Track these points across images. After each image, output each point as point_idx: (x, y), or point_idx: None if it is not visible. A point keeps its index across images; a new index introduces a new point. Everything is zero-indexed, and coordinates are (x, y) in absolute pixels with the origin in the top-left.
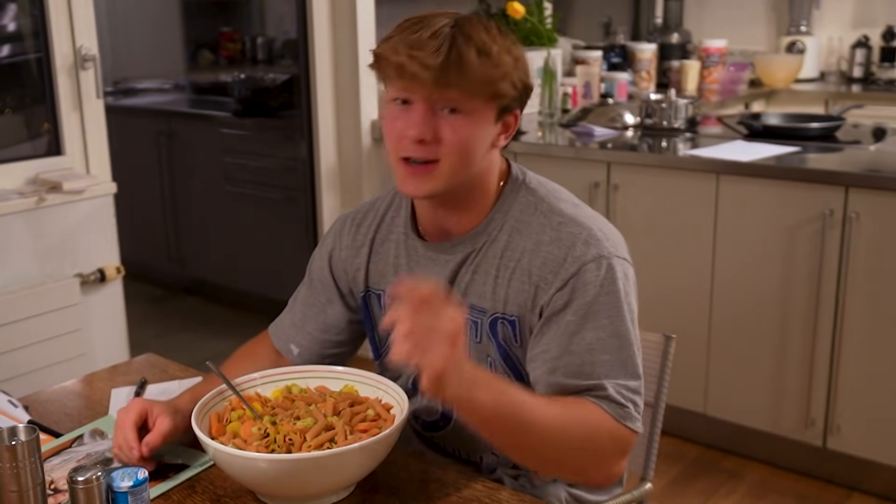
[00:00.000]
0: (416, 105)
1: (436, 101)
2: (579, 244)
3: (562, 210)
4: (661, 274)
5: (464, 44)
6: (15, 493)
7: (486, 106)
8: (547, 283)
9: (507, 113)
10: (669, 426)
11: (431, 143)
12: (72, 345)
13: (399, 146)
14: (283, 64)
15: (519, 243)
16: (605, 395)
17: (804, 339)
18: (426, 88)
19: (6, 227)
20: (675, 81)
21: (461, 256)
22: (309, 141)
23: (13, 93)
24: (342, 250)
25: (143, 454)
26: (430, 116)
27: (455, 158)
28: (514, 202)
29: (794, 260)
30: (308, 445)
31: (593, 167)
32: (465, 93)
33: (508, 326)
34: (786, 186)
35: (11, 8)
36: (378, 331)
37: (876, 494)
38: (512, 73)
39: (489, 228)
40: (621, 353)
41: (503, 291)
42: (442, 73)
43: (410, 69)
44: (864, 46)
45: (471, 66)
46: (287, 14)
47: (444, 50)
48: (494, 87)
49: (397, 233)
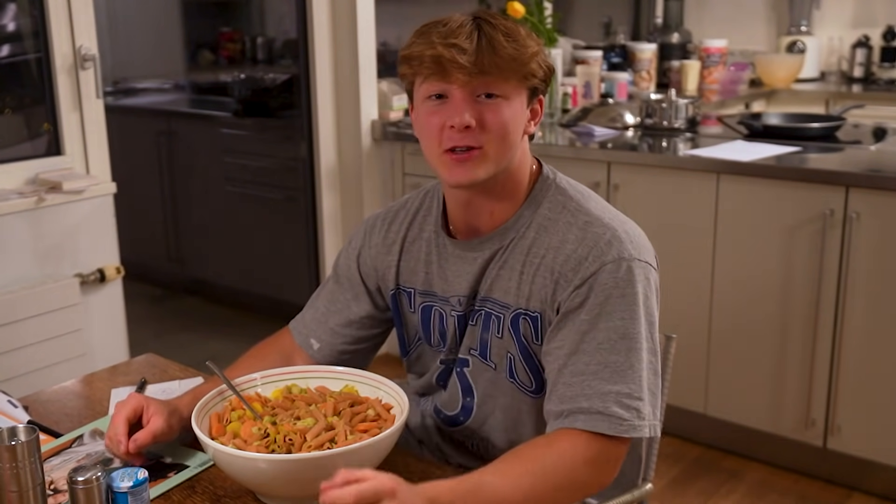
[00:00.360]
0: (455, 94)
1: (474, 87)
2: (602, 244)
3: (589, 210)
4: (661, 274)
5: (490, 30)
6: (15, 494)
7: (519, 88)
8: (566, 281)
9: (535, 97)
10: (669, 426)
11: (476, 130)
12: (72, 345)
13: (442, 139)
14: (283, 64)
15: (545, 240)
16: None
17: (804, 339)
18: (464, 75)
19: (6, 227)
20: (675, 81)
21: (489, 253)
22: (309, 141)
23: (13, 93)
24: (371, 248)
25: (129, 450)
26: (472, 103)
27: (498, 143)
28: (543, 199)
29: (794, 260)
30: (308, 445)
31: (593, 167)
32: (500, 75)
33: (530, 323)
34: (786, 186)
35: (11, 8)
36: (407, 328)
37: (876, 494)
38: (539, 53)
39: (518, 225)
40: (629, 357)
41: (527, 288)
42: (478, 57)
43: (449, 56)
44: (865, 46)
45: (502, 48)
46: (287, 14)
47: (474, 36)
48: (526, 67)
49: (428, 231)
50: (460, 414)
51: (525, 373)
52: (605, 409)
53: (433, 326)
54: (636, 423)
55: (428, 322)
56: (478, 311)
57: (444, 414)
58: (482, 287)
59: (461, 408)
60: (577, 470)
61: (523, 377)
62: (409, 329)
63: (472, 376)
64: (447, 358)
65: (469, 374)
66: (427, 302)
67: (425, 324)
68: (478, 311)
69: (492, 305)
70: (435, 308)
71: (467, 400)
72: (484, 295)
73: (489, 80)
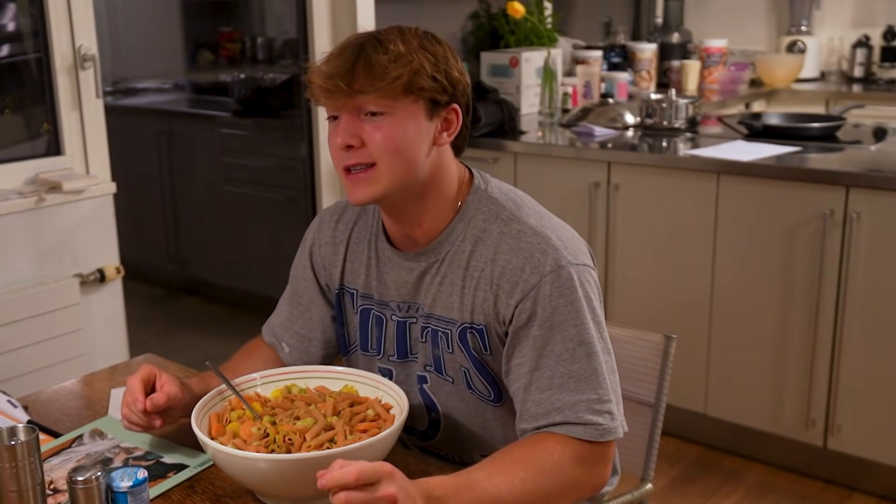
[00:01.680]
0: (342, 116)
1: (354, 107)
2: (537, 254)
3: (521, 219)
4: (661, 274)
5: (371, 49)
6: (14, 493)
7: (406, 102)
8: (506, 293)
9: (441, 108)
10: (669, 426)
11: (360, 147)
12: (71, 345)
13: (337, 158)
14: (283, 64)
15: (482, 253)
16: (576, 421)
17: (804, 339)
18: (341, 97)
19: (6, 227)
20: (675, 81)
21: (425, 265)
22: (309, 141)
23: (13, 93)
24: (322, 246)
25: (146, 408)
26: (354, 122)
27: (389, 158)
28: (476, 211)
29: (794, 260)
30: (308, 445)
31: (593, 167)
32: (376, 92)
33: (477, 335)
34: (786, 186)
35: (11, 8)
36: (348, 329)
37: (876, 494)
38: (426, 67)
39: (451, 238)
40: (591, 361)
41: (469, 301)
42: (350, 79)
43: (323, 85)
44: (865, 46)
45: (377, 66)
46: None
47: (350, 59)
48: (408, 82)
49: (370, 234)
50: (429, 429)
51: (482, 384)
52: (578, 419)
53: (370, 331)
54: (610, 425)
55: (366, 326)
56: (425, 327)
57: (416, 430)
58: (423, 301)
59: (428, 423)
60: (566, 466)
61: (481, 388)
62: (349, 330)
63: (433, 391)
64: (384, 367)
65: (429, 389)
66: (366, 305)
67: (363, 327)
68: (425, 327)
69: (437, 322)
70: (373, 311)
71: (432, 415)
72: (427, 311)
73: (365, 99)
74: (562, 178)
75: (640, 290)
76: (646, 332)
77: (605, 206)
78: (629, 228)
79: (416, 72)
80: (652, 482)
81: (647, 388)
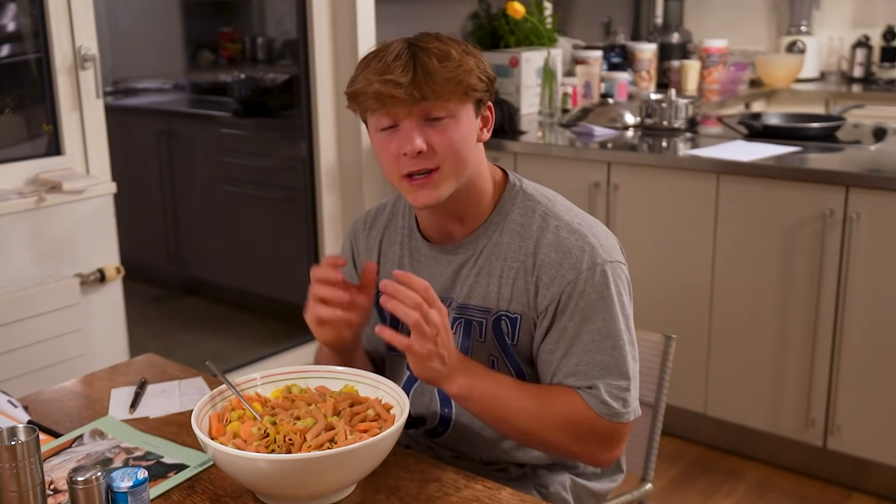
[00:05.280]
0: (403, 124)
1: (418, 114)
2: (575, 251)
3: (558, 214)
4: (661, 274)
5: (424, 56)
6: (15, 494)
7: (462, 104)
8: (545, 285)
9: (483, 106)
10: (669, 426)
11: (428, 153)
12: (72, 345)
13: (398, 166)
14: (283, 64)
15: (522, 245)
16: (596, 396)
17: (804, 339)
18: (406, 106)
19: (6, 227)
20: (675, 81)
21: (463, 258)
22: (309, 141)
23: (13, 93)
24: (360, 254)
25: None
26: (420, 129)
27: (452, 161)
28: (513, 206)
29: (794, 260)
30: (308, 445)
31: (593, 167)
32: (440, 99)
33: (509, 324)
34: (786, 186)
35: (11, 8)
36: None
37: (876, 494)
38: (475, 68)
39: (489, 231)
40: (615, 353)
41: (508, 291)
42: (415, 87)
43: (387, 92)
44: (865, 46)
45: (437, 73)
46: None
47: (409, 67)
48: (464, 85)
49: (402, 234)
50: (438, 426)
51: (508, 371)
52: (596, 395)
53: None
54: (621, 410)
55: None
56: (458, 318)
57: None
58: (458, 293)
59: (439, 419)
60: (581, 424)
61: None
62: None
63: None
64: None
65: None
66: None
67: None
68: (458, 318)
69: (472, 312)
70: None
71: (445, 411)
72: (462, 302)
73: (431, 106)
74: (562, 179)
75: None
76: (646, 331)
77: (605, 206)
78: (629, 228)
79: (469, 73)
80: (652, 482)
81: (647, 388)
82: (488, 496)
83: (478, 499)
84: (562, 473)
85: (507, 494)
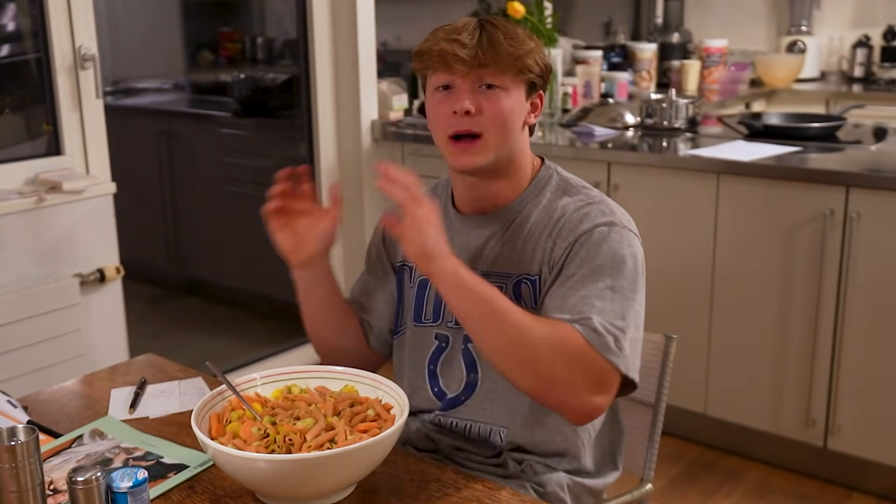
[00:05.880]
0: (459, 85)
1: (475, 78)
2: (595, 212)
3: (588, 193)
4: (660, 274)
5: (492, 29)
6: (14, 494)
7: (516, 82)
8: (563, 240)
9: (534, 92)
10: (669, 426)
11: (476, 115)
12: (71, 345)
13: (447, 124)
14: (283, 64)
15: (548, 217)
16: (587, 324)
17: (805, 339)
18: (465, 67)
19: (6, 227)
20: (675, 81)
21: (491, 230)
22: (309, 141)
23: (13, 93)
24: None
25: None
26: (473, 92)
27: (496, 131)
28: (546, 185)
29: (794, 260)
30: (308, 446)
31: (593, 167)
32: (498, 68)
33: (530, 286)
34: (786, 186)
35: (11, 8)
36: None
37: (876, 494)
38: (535, 51)
39: (520, 206)
40: (614, 303)
41: (529, 253)
42: (478, 51)
43: (451, 50)
44: (865, 46)
45: (501, 45)
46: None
47: (476, 34)
48: (522, 63)
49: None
50: (461, 394)
51: None
52: (587, 323)
53: (427, 299)
54: (613, 347)
55: (423, 295)
56: None
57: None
58: (483, 263)
59: (464, 386)
60: (574, 351)
61: None
62: (404, 307)
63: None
64: (441, 333)
65: (473, 349)
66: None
67: (419, 297)
68: None
69: (494, 278)
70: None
71: (471, 376)
72: (486, 270)
73: (488, 73)
74: None
75: None
76: (646, 332)
77: None
78: None
79: (528, 54)
80: (652, 482)
81: (648, 388)
82: (488, 496)
83: (478, 499)
84: (558, 473)
85: (507, 494)
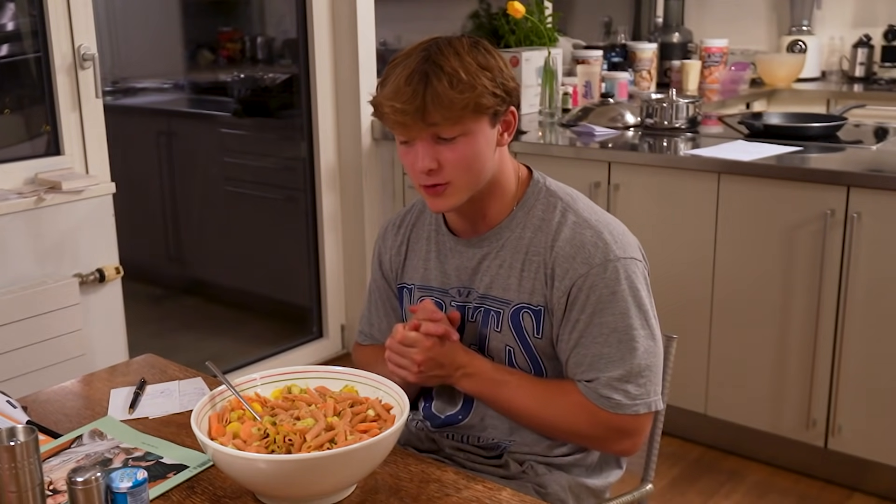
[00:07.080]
0: (416, 143)
1: (430, 135)
2: (588, 246)
3: (578, 211)
4: (661, 274)
5: (436, 79)
6: (14, 494)
7: (475, 121)
8: (558, 278)
9: (500, 116)
10: (670, 426)
11: (437, 170)
12: (71, 345)
13: (415, 176)
14: (283, 64)
15: (542, 239)
16: (592, 388)
17: (805, 339)
18: (416, 128)
19: (5, 227)
20: (675, 81)
21: (486, 250)
22: (309, 141)
23: (12, 93)
24: (387, 252)
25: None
26: (430, 148)
27: (463, 175)
28: (535, 202)
29: (794, 260)
30: (308, 446)
31: (594, 167)
32: (449, 122)
33: (532, 317)
34: (787, 186)
35: (10, 7)
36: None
37: (877, 495)
38: (489, 86)
39: (512, 224)
40: (621, 347)
41: (529, 283)
42: (423, 113)
43: (397, 119)
44: (866, 46)
45: (446, 96)
46: (287, 14)
47: (419, 91)
48: (475, 105)
49: (429, 230)
50: (459, 413)
51: (525, 362)
52: (594, 388)
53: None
54: (624, 402)
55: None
56: (477, 307)
57: (439, 418)
58: (479, 283)
59: (462, 405)
60: (579, 418)
61: (523, 366)
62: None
63: None
64: None
65: None
66: (425, 295)
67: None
68: (477, 307)
69: (492, 302)
70: (434, 300)
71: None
72: (483, 292)
73: (440, 129)
74: (562, 178)
75: None
76: None
77: (606, 206)
78: (629, 228)
79: (481, 94)
80: (652, 482)
81: None
82: (488, 496)
83: (478, 499)
84: (559, 473)
85: (508, 495)
